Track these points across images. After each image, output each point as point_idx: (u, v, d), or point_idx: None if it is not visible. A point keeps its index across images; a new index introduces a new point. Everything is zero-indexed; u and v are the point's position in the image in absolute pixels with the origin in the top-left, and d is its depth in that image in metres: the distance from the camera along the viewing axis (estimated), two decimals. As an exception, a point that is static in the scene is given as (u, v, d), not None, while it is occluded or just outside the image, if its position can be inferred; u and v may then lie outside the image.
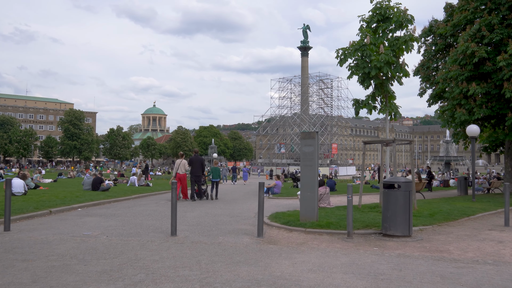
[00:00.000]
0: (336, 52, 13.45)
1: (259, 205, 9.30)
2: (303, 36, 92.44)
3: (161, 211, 13.91)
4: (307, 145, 10.57)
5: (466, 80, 22.54)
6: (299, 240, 9.14)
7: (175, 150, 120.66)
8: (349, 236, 9.20)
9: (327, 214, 12.17)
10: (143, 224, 11.06)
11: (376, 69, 12.36)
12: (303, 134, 10.77)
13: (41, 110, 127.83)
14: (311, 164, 10.49)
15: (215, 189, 19.47)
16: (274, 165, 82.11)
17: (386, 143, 13.62)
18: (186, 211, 14.08)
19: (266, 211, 12.44)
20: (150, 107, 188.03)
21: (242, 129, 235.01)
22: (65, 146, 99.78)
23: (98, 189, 20.31)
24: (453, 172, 68.71)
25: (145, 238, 9.05)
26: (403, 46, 12.73)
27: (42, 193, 18.04)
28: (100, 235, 9.33)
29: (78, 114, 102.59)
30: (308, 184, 10.50)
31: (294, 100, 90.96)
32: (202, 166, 18.28)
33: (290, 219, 11.04)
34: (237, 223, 11.57)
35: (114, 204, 16.28)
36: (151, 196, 20.84)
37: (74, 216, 12.38)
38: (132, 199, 18.84)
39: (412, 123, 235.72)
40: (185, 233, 9.64)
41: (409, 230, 9.19)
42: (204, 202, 17.60)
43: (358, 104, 13.61)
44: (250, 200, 19.09)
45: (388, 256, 7.60)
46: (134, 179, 28.50)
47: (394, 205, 9.09)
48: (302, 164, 10.67)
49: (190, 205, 16.12)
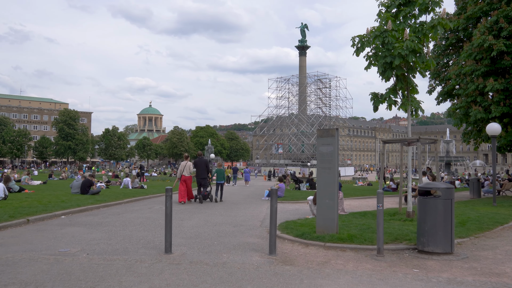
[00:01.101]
0: (352, 40, 11.92)
1: (271, 216, 7.73)
2: (301, 35, 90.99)
3: (155, 219, 12.34)
4: (325, 144, 9.02)
5: (482, 75, 21.12)
6: (319, 258, 7.60)
7: (171, 151, 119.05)
8: (379, 253, 7.66)
9: (345, 223, 10.61)
10: (133, 236, 9.49)
11: (400, 58, 10.82)
12: (320, 132, 9.21)
13: (36, 110, 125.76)
14: (330, 166, 8.93)
15: (220, 191, 18.87)
16: (272, 165, 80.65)
17: (408, 142, 12.10)
18: (183, 219, 12.52)
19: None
20: (146, 107, 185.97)
21: (238, 130, 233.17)
22: (60, 147, 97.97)
23: (87, 193, 18.70)
24: (454, 173, 67.41)
25: (133, 256, 7.48)
26: (430, 32, 11.19)
27: (25, 198, 16.44)
28: (80, 252, 7.75)
29: (73, 114, 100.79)
30: (327, 190, 8.94)
31: (292, 100, 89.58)
32: (207, 168, 18.01)
33: (304, 231, 9.49)
34: (242, 234, 10.01)
35: (103, 210, 14.68)
36: (145, 199, 19.24)
37: (55, 226, 10.79)
38: (124, 203, 17.23)
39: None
40: (182, 249, 8.08)
41: (451, 246, 7.66)
42: (204, 207, 16.04)
43: (377, 99, 12.05)
44: (252, 204, 17.57)
45: (437, 283, 6.07)
46: (127, 181, 26.94)
47: (433, 216, 7.57)
48: (319, 167, 9.11)
49: (188, 212, 14.56)
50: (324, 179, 9.03)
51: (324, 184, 9.00)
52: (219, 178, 19.12)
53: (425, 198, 7.80)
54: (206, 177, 17.91)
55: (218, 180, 19.05)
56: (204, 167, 17.89)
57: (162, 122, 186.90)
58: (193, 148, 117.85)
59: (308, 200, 13.13)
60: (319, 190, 9.12)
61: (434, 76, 27.64)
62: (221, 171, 19.42)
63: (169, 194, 7.75)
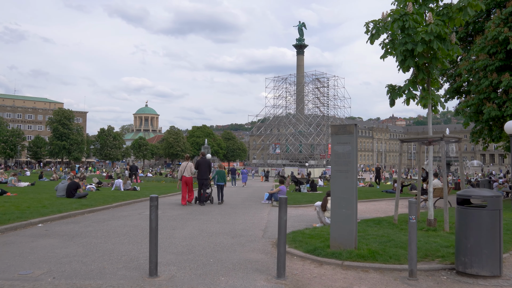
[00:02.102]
0: (366, 27, 10.52)
1: (279, 231, 6.33)
2: (299, 34, 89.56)
3: (143, 227, 10.90)
4: (341, 143, 7.60)
5: (496, 70, 19.78)
6: (339, 282, 6.20)
7: (167, 151, 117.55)
8: (412, 276, 6.28)
9: (360, 234, 9.17)
10: (115, 251, 8.06)
11: (424, 44, 9.43)
12: (335, 128, 7.78)
13: (30, 110, 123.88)
14: (347, 169, 7.51)
15: (221, 193, 18.43)
16: (269, 166, 79.27)
17: (429, 141, 10.73)
18: (176, 228, 11.12)
19: (276, 225, 9.59)
20: (142, 107, 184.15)
21: (235, 130, 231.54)
22: (54, 147, 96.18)
23: (74, 196, 17.24)
24: (454, 173, 66.19)
25: (110, 281, 6.05)
26: (457, 15, 9.80)
27: (3, 202, 14.94)
28: (45, 275, 6.32)
29: (68, 114, 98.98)
30: (343, 197, 7.52)
31: (289, 100, 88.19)
32: (209, 169, 17.59)
33: (316, 244, 8.08)
34: (242, 248, 8.58)
35: (87, 217, 13.24)
36: (136, 203, 17.81)
37: (26, 238, 9.34)
38: (112, 208, 15.80)
39: (405, 124, 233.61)
40: (171, 270, 6.67)
41: (500, 267, 6.28)
42: (200, 213, 14.63)
43: (394, 92, 10.65)
44: (252, 209, 16.19)
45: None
46: (119, 182, 25.52)
47: (478, 230, 6.19)
48: (334, 170, 7.70)
49: (181, 218, 13.15)
50: (340, 185, 7.60)
51: (340, 190, 7.58)
52: (220, 179, 18.48)
53: (465, 208, 6.43)
54: (208, 178, 17.47)
55: (218, 182, 18.43)
56: (207, 168, 17.37)
57: (159, 122, 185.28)
58: (189, 148, 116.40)
59: (315, 206, 11.73)
60: (334, 197, 7.70)
61: (442, 72, 26.27)
62: (222, 173, 18.82)
63: (154, 204, 6.33)
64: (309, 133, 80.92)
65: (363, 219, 12.26)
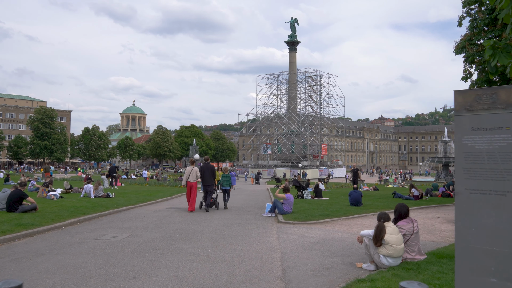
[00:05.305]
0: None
1: None
2: (291, 30, 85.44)
3: (86, 271, 6.86)
4: (486, 129, 3.59)
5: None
6: None
7: (154, 151, 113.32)
8: None
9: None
10: None
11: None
12: (468, 96, 3.82)
13: (11, 108, 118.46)
14: (503, 188, 3.45)
15: (227, 197, 18.38)
16: (260, 166, 75.32)
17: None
18: (138, 273, 7.08)
19: (299, 263, 5.68)
20: (130, 106, 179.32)
21: (224, 130, 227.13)
22: (35, 146, 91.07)
23: (16, 210, 13.12)
24: (453, 175, 62.45)
25: None
26: None
27: None
28: None
29: (50, 112, 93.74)
30: (496, 251, 3.48)
31: (281, 98, 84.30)
32: (213, 175, 17.28)
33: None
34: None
35: (15, 245, 9.15)
36: (101, 217, 13.77)
37: None
38: (63, 227, 11.68)
39: (394, 124, 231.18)
40: None
41: None
42: (182, 238, 10.63)
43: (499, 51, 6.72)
44: (253, 228, 12.18)
45: None
46: (89, 188, 21.28)
47: None
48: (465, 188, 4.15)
49: (152, 250, 9.12)
50: (484, 222, 3.55)
51: (486, 234, 3.53)
52: (225, 184, 18.56)
53: None
54: (212, 184, 17.18)
55: (224, 186, 18.51)
56: (211, 174, 17.11)
57: (146, 121, 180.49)
58: (177, 149, 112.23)
59: (364, 237, 7.49)
60: (469, 248, 3.65)
61: (469, 59, 22.48)
62: (227, 177, 18.71)
63: None
64: (301, 133, 77.03)
65: (428, 251, 8.19)
